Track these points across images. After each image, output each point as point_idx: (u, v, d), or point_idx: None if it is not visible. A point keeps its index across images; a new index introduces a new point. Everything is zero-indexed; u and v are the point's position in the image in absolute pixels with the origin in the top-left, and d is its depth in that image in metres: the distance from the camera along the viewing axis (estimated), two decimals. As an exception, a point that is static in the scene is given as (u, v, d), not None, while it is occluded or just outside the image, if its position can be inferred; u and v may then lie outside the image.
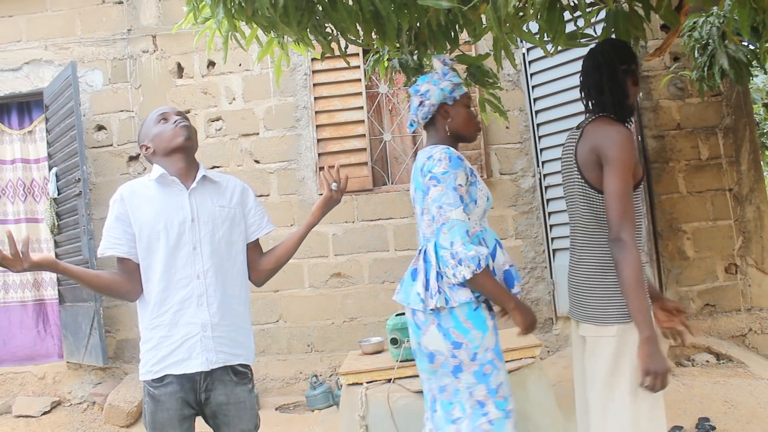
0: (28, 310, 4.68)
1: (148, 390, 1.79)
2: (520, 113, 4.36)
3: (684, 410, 3.18)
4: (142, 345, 1.81)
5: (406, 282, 1.90)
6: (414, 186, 1.94)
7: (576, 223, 2.07)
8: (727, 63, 2.82)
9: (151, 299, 1.80)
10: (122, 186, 1.87)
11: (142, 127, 1.93)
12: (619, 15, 1.76)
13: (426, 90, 1.93)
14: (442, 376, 1.84)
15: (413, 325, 1.89)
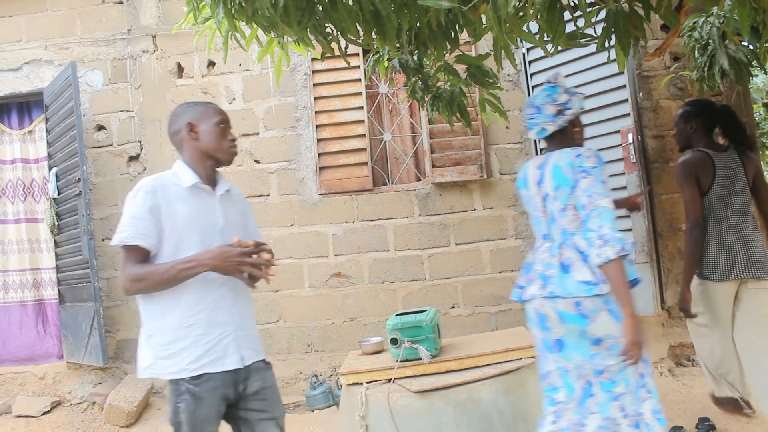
0: (27, 310, 4.68)
1: (186, 388, 1.79)
2: (520, 113, 4.36)
3: (684, 410, 3.18)
4: (172, 343, 1.80)
5: (557, 277, 1.99)
6: (554, 184, 2.05)
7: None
8: (727, 63, 2.81)
9: (182, 298, 1.82)
10: (149, 179, 1.85)
11: (191, 106, 1.96)
12: (619, 15, 1.76)
13: (567, 100, 2.11)
14: (605, 359, 1.96)
15: (575, 316, 1.96)
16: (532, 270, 2.13)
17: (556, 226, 2.08)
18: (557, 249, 2.04)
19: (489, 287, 4.31)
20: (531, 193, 2.16)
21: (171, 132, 1.96)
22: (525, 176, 2.20)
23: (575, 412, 2.00)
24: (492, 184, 4.35)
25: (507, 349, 2.91)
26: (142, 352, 1.86)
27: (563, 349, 2.03)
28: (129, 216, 1.80)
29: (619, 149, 3.73)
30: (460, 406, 2.67)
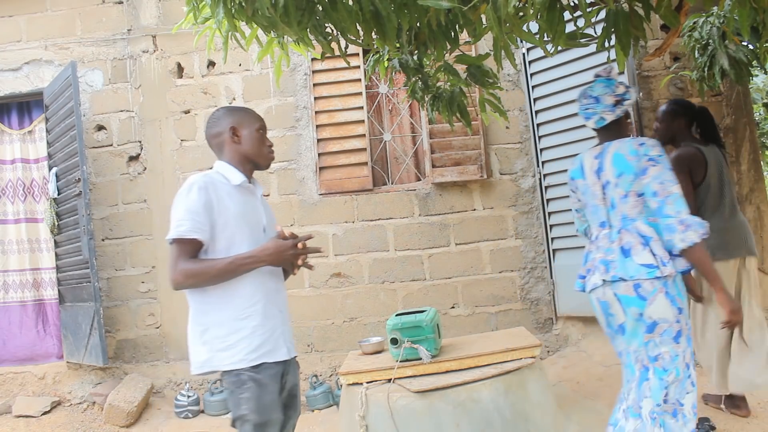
0: (27, 310, 4.68)
1: (249, 376, 1.81)
2: (520, 113, 4.36)
3: (684, 410, 3.17)
4: (230, 335, 1.83)
5: (618, 261, 2.07)
6: (616, 172, 2.13)
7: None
8: (727, 63, 2.82)
9: (238, 290, 1.86)
10: (199, 176, 1.89)
11: (234, 111, 2.02)
12: (619, 15, 1.76)
13: (624, 92, 2.19)
14: (660, 345, 2.03)
15: (634, 299, 2.03)
16: (591, 259, 2.20)
17: (615, 213, 2.16)
18: (617, 234, 2.12)
19: (489, 287, 4.31)
20: (589, 182, 2.24)
21: (212, 133, 2.01)
22: (581, 166, 2.28)
23: (635, 392, 2.09)
24: (492, 184, 4.35)
25: (507, 349, 2.91)
26: (196, 349, 1.86)
27: (624, 333, 2.12)
28: (184, 210, 1.83)
29: (619, 149, 3.73)
30: (460, 406, 2.67)
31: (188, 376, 4.40)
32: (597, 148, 2.25)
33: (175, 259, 1.81)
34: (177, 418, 4.04)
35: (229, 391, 1.84)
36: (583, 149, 3.89)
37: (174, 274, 1.81)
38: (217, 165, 2.00)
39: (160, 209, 4.55)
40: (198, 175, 1.90)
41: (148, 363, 4.47)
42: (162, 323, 4.50)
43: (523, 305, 4.28)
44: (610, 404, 3.31)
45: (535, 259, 4.29)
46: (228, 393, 1.85)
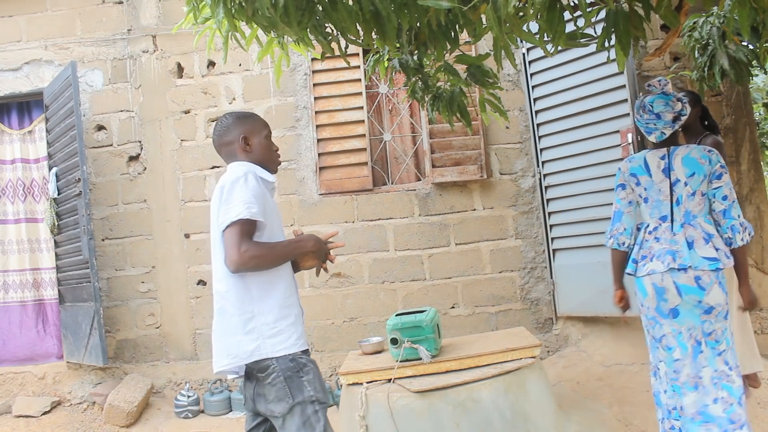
0: (27, 310, 4.68)
1: (306, 359, 1.85)
2: (520, 113, 4.36)
3: (684, 410, 3.18)
4: (278, 321, 1.84)
5: (684, 251, 2.31)
6: (687, 172, 2.37)
7: None
8: (727, 63, 2.82)
9: (282, 278, 1.90)
10: (251, 166, 1.92)
11: (243, 119, 2.04)
12: (619, 15, 1.76)
13: (681, 108, 2.41)
14: (714, 323, 2.32)
15: (694, 288, 2.29)
16: (648, 247, 2.41)
17: (679, 209, 2.39)
18: (680, 228, 2.36)
19: (489, 287, 4.31)
20: (655, 179, 2.42)
21: (223, 141, 2.02)
22: (644, 164, 2.45)
23: (691, 366, 2.34)
24: (492, 184, 4.35)
25: (507, 349, 2.91)
26: (237, 339, 1.82)
27: (677, 316, 2.34)
28: (251, 195, 1.82)
29: (619, 149, 3.73)
30: (460, 406, 2.67)
31: (188, 376, 4.40)
32: (660, 150, 2.45)
33: (239, 240, 1.77)
34: (177, 418, 4.04)
35: (284, 377, 1.80)
36: (583, 149, 3.95)
37: (236, 254, 1.76)
38: (242, 163, 1.98)
39: (160, 209, 4.55)
40: (245, 166, 1.91)
41: (148, 363, 4.47)
42: (162, 323, 4.50)
43: (523, 305, 4.28)
44: (610, 404, 3.31)
45: (535, 259, 4.29)
46: (283, 380, 1.80)
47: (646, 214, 2.49)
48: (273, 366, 1.81)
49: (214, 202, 1.92)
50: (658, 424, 2.49)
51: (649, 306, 2.41)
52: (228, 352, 1.83)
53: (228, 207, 1.81)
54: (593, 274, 3.91)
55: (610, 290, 3.81)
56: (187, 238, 4.52)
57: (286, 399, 1.79)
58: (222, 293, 1.87)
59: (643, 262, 2.41)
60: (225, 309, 1.86)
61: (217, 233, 1.87)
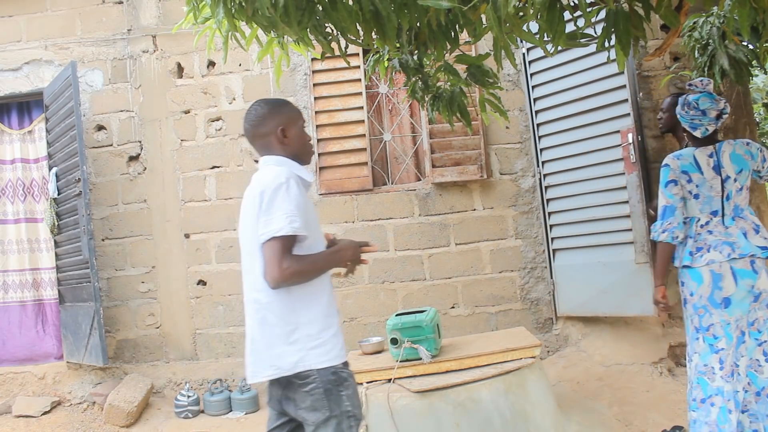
0: (27, 310, 4.68)
1: (347, 373, 1.83)
2: (520, 113, 4.36)
3: (684, 410, 3.18)
4: (322, 332, 1.80)
5: (740, 241, 2.49)
6: (736, 169, 2.55)
7: None
8: (727, 63, 2.82)
9: (324, 287, 1.86)
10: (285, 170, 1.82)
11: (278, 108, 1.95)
12: (619, 15, 1.76)
13: (723, 107, 2.56)
14: (757, 311, 2.48)
15: (749, 272, 2.46)
16: (702, 239, 2.54)
17: (729, 203, 2.55)
18: (732, 221, 2.54)
19: (489, 287, 4.31)
20: (706, 176, 2.55)
21: (258, 133, 1.94)
22: (694, 162, 2.57)
23: (732, 356, 2.47)
24: (492, 184, 4.35)
25: (507, 349, 2.91)
26: (281, 350, 1.78)
27: (729, 306, 2.47)
28: (293, 206, 1.75)
29: (619, 149, 3.73)
30: (460, 406, 2.67)
31: (188, 376, 4.40)
32: (707, 148, 2.58)
33: (281, 256, 1.71)
34: (177, 418, 4.04)
35: (323, 389, 1.77)
36: (583, 149, 3.95)
37: (279, 271, 1.71)
38: (279, 160, 1.91)
39: (160, 209, 4.55)
40: (283, 169, 1.82)
41: (148, 363, 4.47)
42: (162, 323, 4.50)
43: (523, 305, 4.28)
44: (610, 404, 3.31)
45: (535, 259, 4.29)
46: (322, 391, 1.77)
47: (695, 210, 2.60)
48: (314, 376, 1.77)
49: (249, 205, 1.85)
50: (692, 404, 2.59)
51: (702, 295, 2.51)
52: (271, 363, 1.79)
53: (269, 218, 1.74)
54: (593, 274, 3.91)
55: (611, 290, 3.85)
56: (187, 238, 4.52)
57: (323, 410, 1.76)
58: (264, 303, 1.81)
59: (699, 254, 2.53)
60: (267, 319, 1.81)
61: (255, 241, 1.81)
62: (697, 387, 2.50)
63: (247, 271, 1.92)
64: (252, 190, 1.85)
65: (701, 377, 2.49)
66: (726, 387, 2.43)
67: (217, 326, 4.45)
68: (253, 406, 4.06)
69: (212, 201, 4.51)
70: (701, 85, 2.59)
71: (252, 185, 1.88)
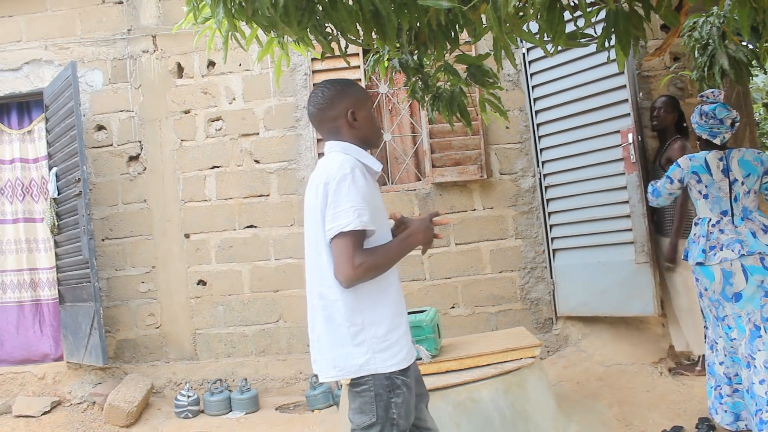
0: (24, 310, 4.67)
1: (402, 380, 1.72)
2: (520, 113, 4.36)
3: (684, 410, 3.18)
4: (390, 333, 1.72)
5: (749, 240, 2.63)
6: (744, 173, 2.72)
7: None
8: (727, 63, 2.82)
9: (392, 283, 1.77)
10: (350, 160, 1.74)
11: (345, 89, 1.85)
12: (619, 15, 1.76)
13: (735, 116, 2.78)
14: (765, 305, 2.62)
15: (760, 269, 2.61)
16: (714, 238, 2.70)
17: (738, 205, 2.72)
18: (741, 221, 2.70)
19: (489, 287, 4.31)
20: (715, 178, 2.73)
21: (326, 117, 1.83)
22: (705, 164, 2.75)
23: (746, 347, 2.62)
24: (492, 184, 4.35)
25: (507, 349, 2.92)
26: (346, 351, 1.71)
27: (739, 300, 2.63)
28: (360, 198, 1.66)
29: (619, 149, 3.73)
30: (460, 406, 2.67)
31: (188, 376, 4.40)
32: (719, 152, 2.77)
33: (352, 252, 1.62)
34: (177, 418, 4.04)
35: (374, 393, 1.70)
36: (583, 149, 3.95)
37: (351, 269, 1.62)
38: (346, 147, 1.81)
39: (160, 209, 4.55)
40: (348, 158, 1.74)
41: (148, 363, 4.47)
42: (162, 323, 4.50)
43: (523, 305, 4.28)
44: (610, 404, 3.31)
45: (535, 259, 4.29)
46: (373, 395, 1.70)
47: (705, 209, 2.79)
48: (367, 379, 1.71)
49: (313, 196, 1.76)
50: (709, 391, 2.85)
51: (714, 290, 2.71)
52: (335, 364, 1.73)
53: (336, 212, 1.65)
54: (593, 274, 3.91)
55: (610, 290, 3.85)
56: (187, 238, 4.52)
57: (370, 415, 1.71)
58: (331, 301, 1.73)
59: (712, 252, 2.69)
60: (333, 317, 1.73)
61: (319, 233, 1.73)
62: (733, 363, 2.74)
63: (309, 262, 1.82)
64: (315, 179, 1.77)
65: (734, 355, 2.73)
66: (742, 374, 2.63)
67: (217, 326, 4.45)
68: (253, 406, 4.06)
69: (212, 201, 4.51)
70: (713, 96, 2.80)
71: (316, 172, 1.80)
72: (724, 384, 2.77)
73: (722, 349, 2.76)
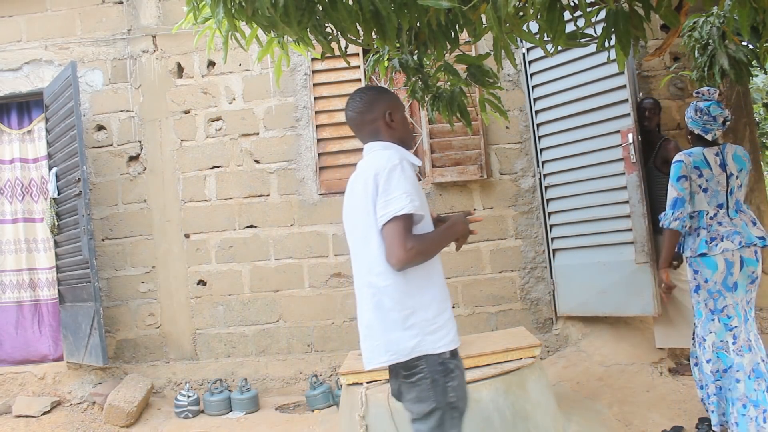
0: (24, 310, 4.67)
1: (455, 364, 1.78)
2: (520, 113, 4.36)
3: (684, 410, 3.18)
4: (437, 316, 1.78)
5: (746, 232, 2.75)
6: (737, 167, 2.82)
7: None
8: (727, 63, 2.82)
9: (436, 269, 1.84)
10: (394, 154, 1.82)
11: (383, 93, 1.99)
12: (619, 15, 1.76)
13: (728, 115, 2.84)
14: (752, 292, 2.78)
15: (754, 261, 2.74)
16: (714, 230, 2.78)
17: (732, 198, 2.81)
18: (735, 213, 2.80)
19: (489, 287, 4.31)
20: (714, 172, 2.81)
21: (366, 119, 1.97)
22: (704, 159, 2.82)
23: (744, 332, 2.74)
24: (492, 184, 4.35)
25: (507, 349, 2.91)
26: (397, 336, 1.76)
27: (737, 289, 2.74)
28: (410, 185, 1.75)
29: (619, 149, 3.73)
30: (460, 406, 2.66)
31: (188, 376, 4.40)
32: (714, 148, 2.85)
33: (404, 236, 1.70)
34: (177, 418, 4.04)
35: (431, 379, 1.75)
36: (583, 149, 3.95)
37: (404, 251, 1.69)
38: (386, 145, 1.91)
39: (160, 209, 4.55)
40: (394, 152, 1.83)
41: (148, 363, 4.47)
42: (162, 323, 4.50)
43: (523, 305, 4.28)
44: (610, 404, 3.31)
45: (535, 259, 4.29)
46: (430, 381, 1.75)
47: (704, 203, 2.84)
48: (421, 366, 1.76)
49: (360, 189, 1.83)
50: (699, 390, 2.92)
51: (716, 281, 2.76)
52: (387, 349, 1.77)
53: (388, 199, 1.73)
54: (593, 274, 3.91)
55: (610, 290, 3.85)
56: (187, 238, 4.52)
57: (428, 401, 1.75)
58: (380, 287, 1.78)
59: (714, 243, 2.77)
60: (383, 304, 1.78)
61: (368, 225, 1.80)
62: (717, 360, 2.77)
63: (357, 256, 1.90)
64: (362, 174, 1.85)
65: (720, 352, 2.77)
66: (744, 361, 2.70)
67: (217, 326, 4.45)
68: (253, 406, 4.06)
69: (212, 201, 4.52)
70: (708, 94, 2.85)
71: (360, 171, 1.89)
72: (710, 383, 2.81)
73: (710, 346, 2.80)
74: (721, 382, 2.78)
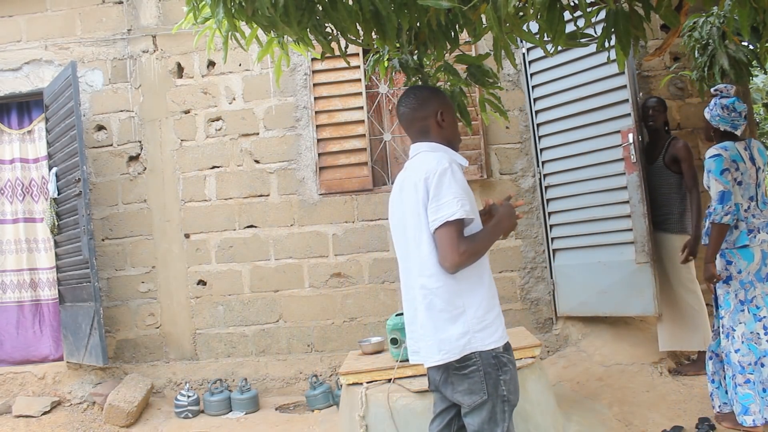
0: (24, 310, 4.67)
1: (507, 358, 1.83)
2: (520, 113, 4.36)
3: (684, 410, 3.18)
4: (487, 314, 1.82)
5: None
6: (763, 161, 2.93)
7: None
8: (727, 63, 2.82)
9: (486, 267, 1.89)
10: (445, 156, 1.84)
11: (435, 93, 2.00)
12: (619, 15, 1.76)
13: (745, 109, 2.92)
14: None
15: None
16: (750, 222, 2.85)
17: (760, 190, 2.91)
18: (764, 206, 2.90)
19: (489, 287, 4.30)
20: (747, 166, 2.89)
21: (417, 116, 1.96)
22: (739, 154, 2.88)
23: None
24: (492, 184, 4.35)
25: (507, 349, 2.90)
26: (449, 334, 1.80)
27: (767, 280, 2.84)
28: (461, 189, 1.78)
29: (619, 149, 3.73)
30: (460, 406, 2.66)
31: (188, 376, 4.40)
32: (742, 142, 2.93)
33: (457, 240, 1.74)
34: (177, 418, 4.04)
35: (483, 372, 1.79)
36: (583, 149, 3.95)
37: (457, 255, 1.74)
38: (434, 146, 1.93)
39: (160, 209, 4.55)
40: (443, 155, 1.86)
41: (148, 363, 4.47)
42: (162, 323, 4.50)
43: (523, 305, 4.28)
44: (610, 404, 3.31)
45: (535, 259, 4.29)
46: (482, 374, 1.79)
47: (738, 196, 2.89)
48: (475, 359, 1.80)
49: (410, 192, 1.86)
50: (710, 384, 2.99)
51: (750, 271, 2.83)
52: (440, 348, 1.80)
53: (440, 204, 1.77)
54: (593, 274, 3.91)
55: (610, 290, 3.85)
56: (187, 238, 4.52)
57: (480, 393, 1.80)
58: (432, 289, 1.82)
59: (752, 235, 2.84)
60: (434, 304, 1.82)
61: (418, 227, 1.83)
62: (749, 352, 2.80)
63: (405, 258, 1.93)
64: (411, 176, 1.87)
65: (750, 343, 2.80)
66: (735, 358, 2.77)
67: (217, 326, 4.45)
68: (253, 406, 4.06)
69: (212, 201, 4.52)
70: (726, 91, 2.91)
71: (408, 172, 1.92)
72: (738, 373, 2.80)
73: (740, 336, 2.83)
74: (753, 375, 2.77)
